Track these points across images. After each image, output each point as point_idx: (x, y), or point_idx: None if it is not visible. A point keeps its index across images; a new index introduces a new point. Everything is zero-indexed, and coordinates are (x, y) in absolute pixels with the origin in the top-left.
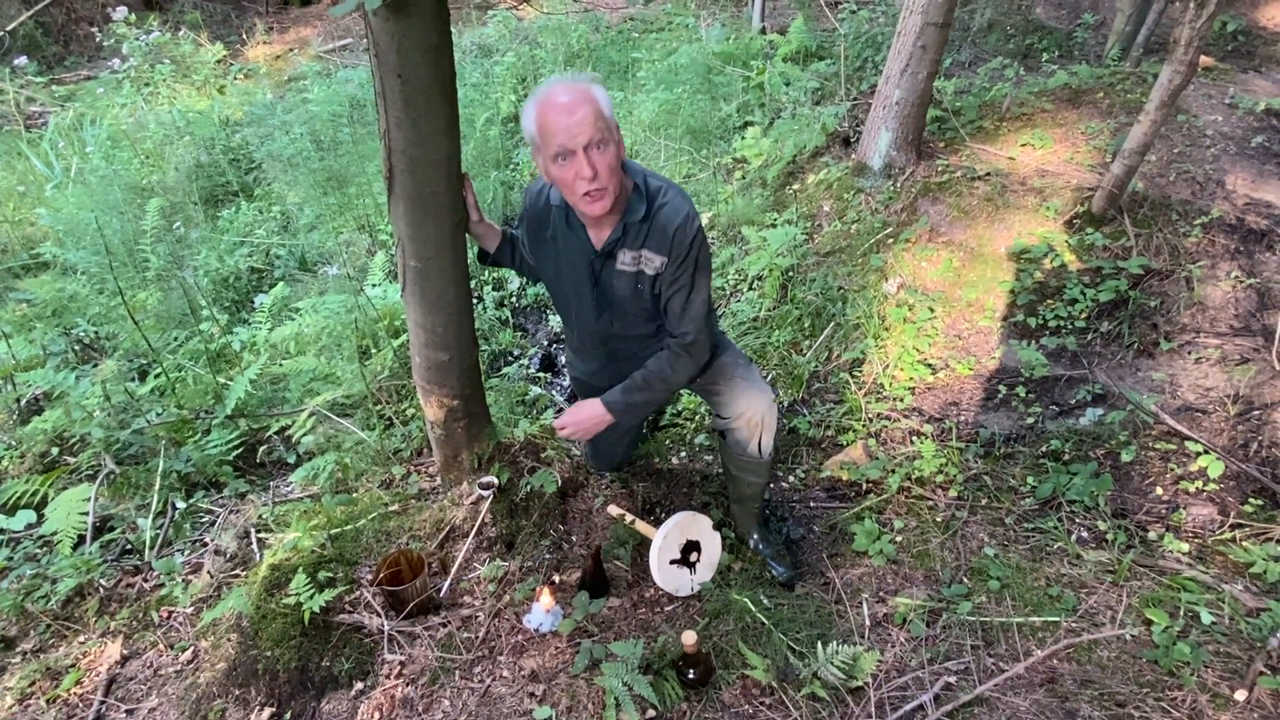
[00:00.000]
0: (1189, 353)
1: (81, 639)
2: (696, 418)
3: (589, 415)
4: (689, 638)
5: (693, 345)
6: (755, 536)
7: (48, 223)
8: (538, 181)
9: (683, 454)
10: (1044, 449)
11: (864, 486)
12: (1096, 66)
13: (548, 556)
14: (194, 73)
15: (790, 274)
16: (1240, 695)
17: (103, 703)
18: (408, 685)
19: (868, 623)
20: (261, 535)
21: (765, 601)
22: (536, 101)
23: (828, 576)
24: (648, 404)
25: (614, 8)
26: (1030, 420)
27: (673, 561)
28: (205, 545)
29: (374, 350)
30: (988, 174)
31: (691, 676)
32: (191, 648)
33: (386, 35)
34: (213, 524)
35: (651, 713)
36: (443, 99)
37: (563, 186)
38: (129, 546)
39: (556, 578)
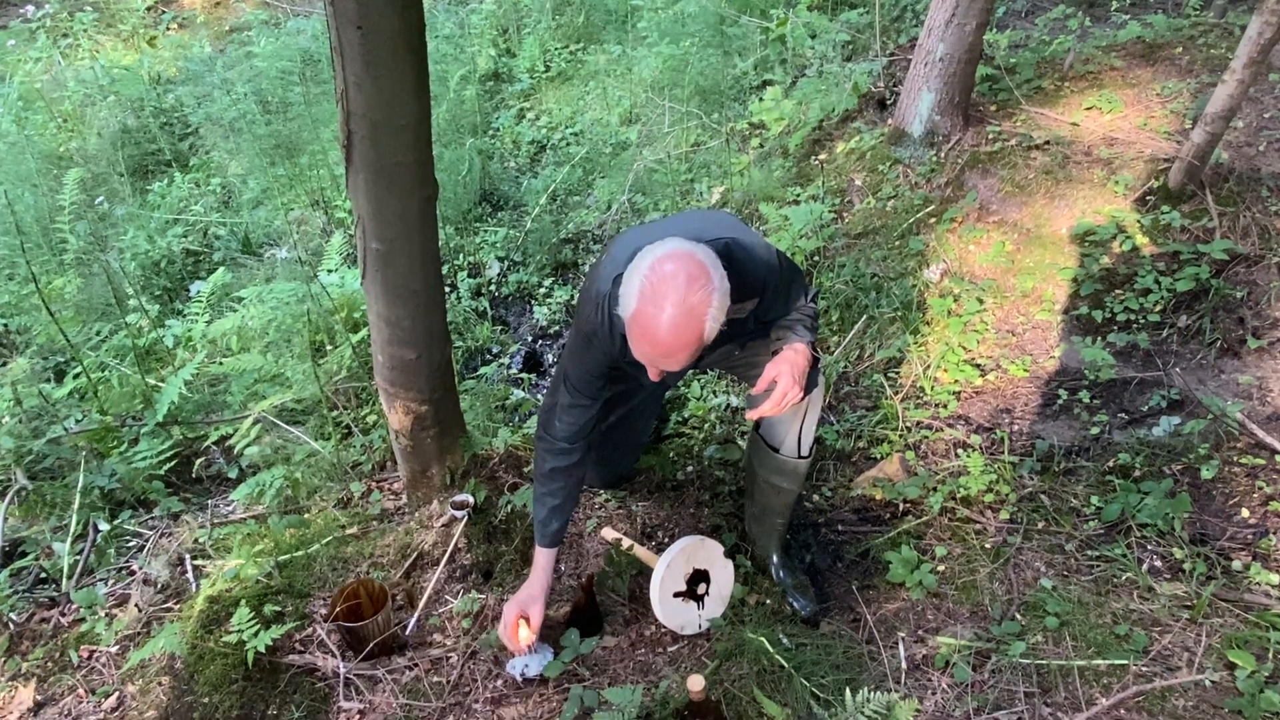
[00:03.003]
0: None
1: None
2: (706, 426)
3: (802, 364)
4: (696, 683)
5: (814, 294)
6: (776, 562)
7: None
8: (595, 315)
9: (690, 468)
10: (1111, 464)
11: (901, 507)
12: (1175, 17)
13: None
14: (120, 22)
15: (816, 259)
16: None
17: None
18: None
19: (904, 666)
20: (198, 562)
21: (785, 641)
22: (639, 301)
23: (858, 612)
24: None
25: None
26: (1095, 430)
27: (677, 594)
28: (132, 574)
29: (329, 347)
30: (1046, 142)
31: None
32: (116, 693)
33: None
34: (141, 549)
35: None
36: (409, 54)
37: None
38: (44, 575)
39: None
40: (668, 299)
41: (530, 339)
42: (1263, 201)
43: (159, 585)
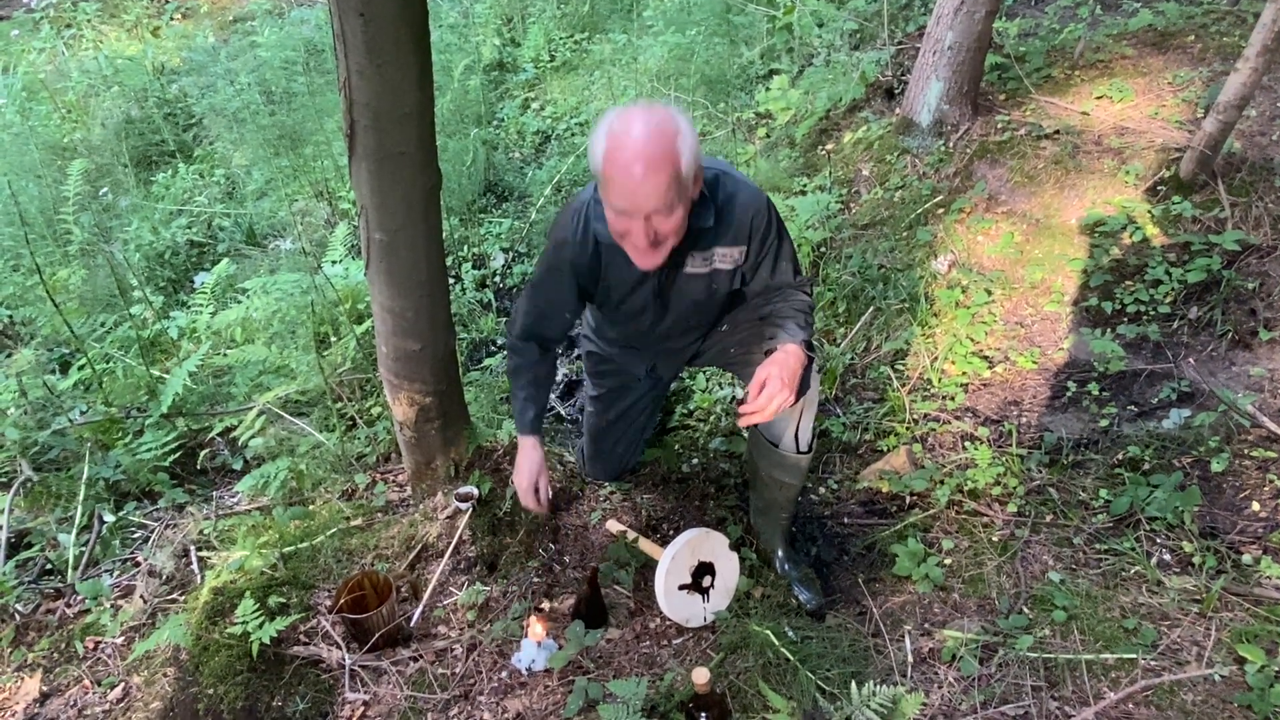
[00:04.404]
0: None
1: None
2: (711, 418)
3: (796, 367)
4: (701, 676)
5: (807, 281)
6: (781, 555)
7: None
8: (572, 221)
9: (694, 461)
10: (1120, 457)
11: (907, 500)
12: (1187, 4)
13: (536, 580)
14: (123, 12)
15: (823, 249)
16: None
17: None
18: None
19: (910, 660)
20: (203, 554)
21: (790, 634)
22: (608, 137)
23: (864, 605)
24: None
25: None
26: (1104, 423)
27: (682, 587)
28: (137, 565)
29: (334, 339)
30: (1056, 132)
31: None
32: (121, 684)
33: None
34: (146, 540)
35: None
36: (413, 42)
37: (612, 230)
38: (49, 566)
39: (547, 605)
40: (635, 121)
41: None
42: (1276, 191)
43: (164, 577)
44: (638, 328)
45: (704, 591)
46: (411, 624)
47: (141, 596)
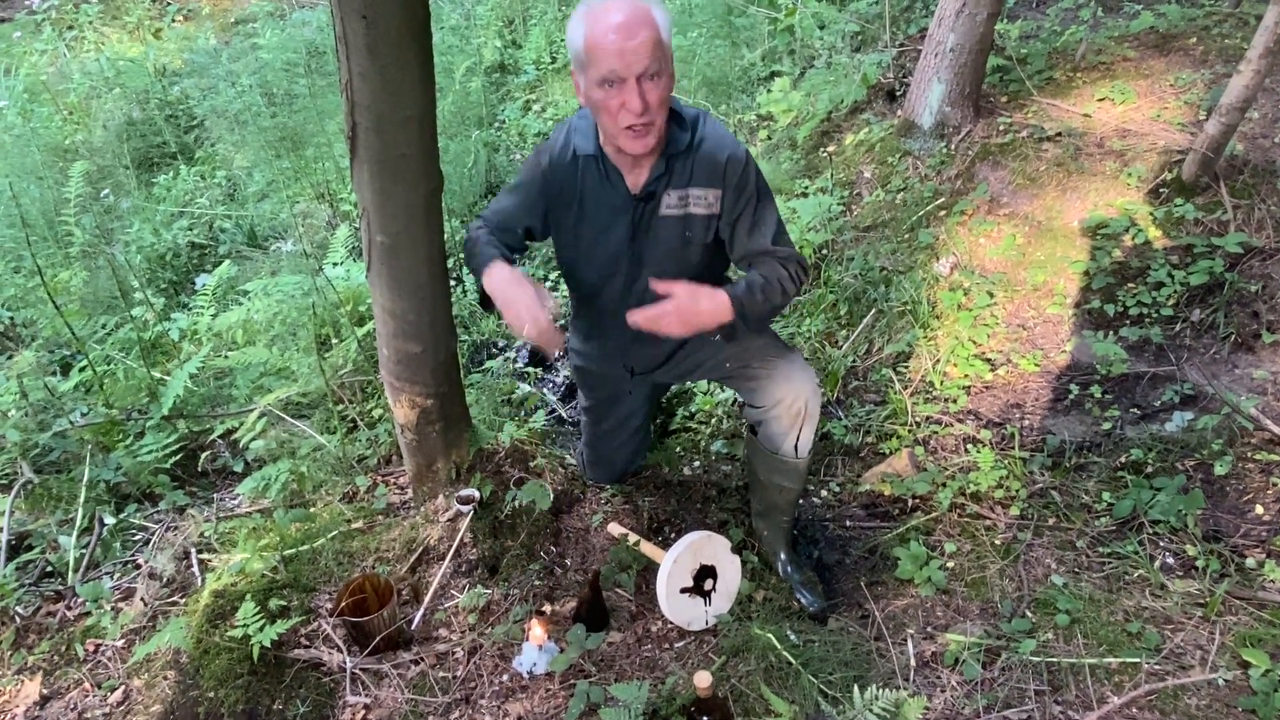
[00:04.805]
0: None
1: None
2: (712, 421)
3: (708, 310)
4: (703, 679)
5: (794, 256)
6: (783, 558)
7: None
8: (557, 134)
9: (696, 463)
10: (1123, 460)
11: (910, 503)
12: (1189, 6)
13: (537, 583)
14: (125, 14)
15: (824, 252)
16: None
17: None
18: None
19: (913, 663)
20: (203, 556)
21: (793, 637)
22: (588, 12)
23: (866, 608)
24: (764, 315)
25: None
26: (1107, 426)
27: (684, 590)
28: (138, 567)
29: (335, 341)
30: (1058, 134)
31: None
32: (122, 687)
33: None
34: (146, 543)
35: None
36: (415, 45)
37: (603, 114)
38: (49, 568)
39: (548, 608)
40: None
41: None
42: (1278, 194)
43: (164, 579)
44: (611, 292)
45: (706, 595)
46: (413, 627)
47: (142, 599)
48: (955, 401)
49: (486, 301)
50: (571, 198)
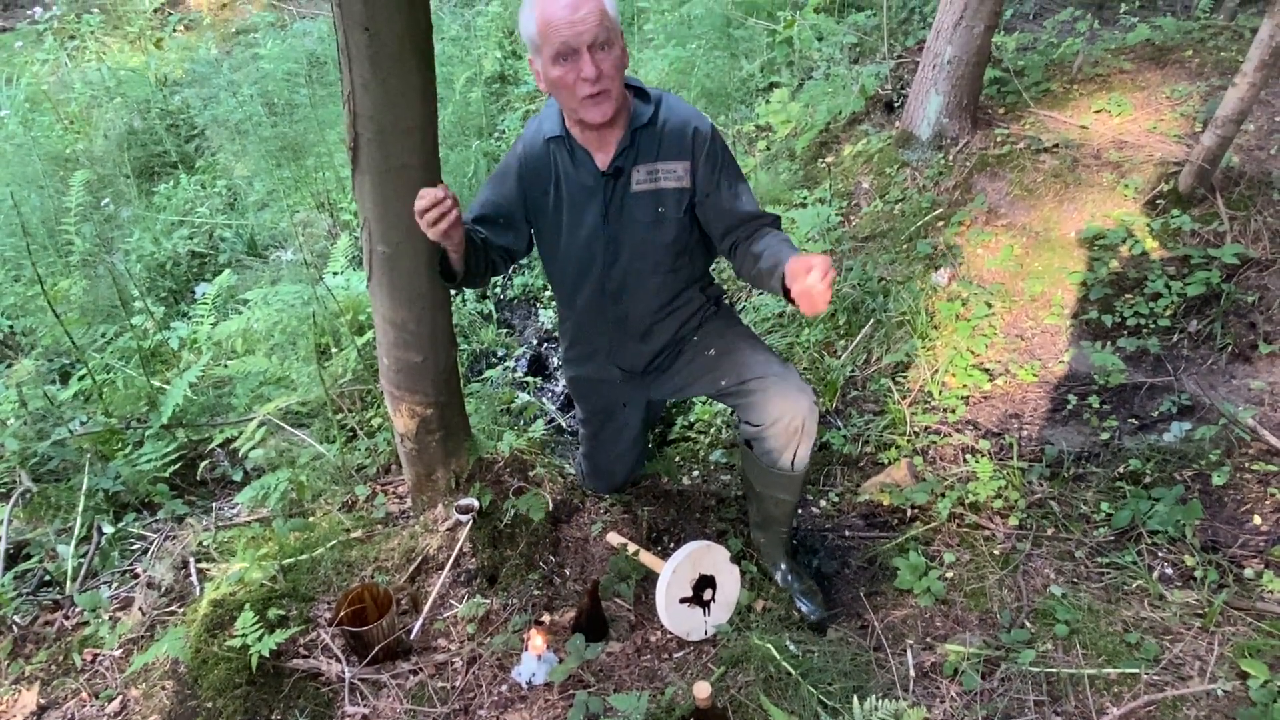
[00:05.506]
0: None
1: None
2: (711, 430)
3: (819, 263)
4: (702, 690)
5: (776, 218)
6: (782, 568)
7: None
8: (530, 125)
9: (695, 473)
10: (1121, 470)
11: (908, 513)
12: (1184, 19)
13: (536, 593)
14: (126, 24)
15: None
16: None
17: None
18: None
19: (912, 674)
20: (202, 566)
21: (792, 648)
22: (536, 1)
23: (865, 619)
24: None
25: None
26: (1105, 436)
27: (683, 600)
28: (136, 577)
29: (335, 350)
30: (1055, 145)
31: None
32: (119, 697)
33: None
34: (145, 552)
35: None
36: (416, 56)
37: (562, 90)
38: (47, 577)
39: (547, 618)
40: None
41: (535, 342)
42: (1274, 205)
43: (163, 588)
44: (588, 281)
45: (705, 605)
46: (411, 637)
47: (140, 608)
48: (954, 411)
49: (446, 270)
50: (547, 182)
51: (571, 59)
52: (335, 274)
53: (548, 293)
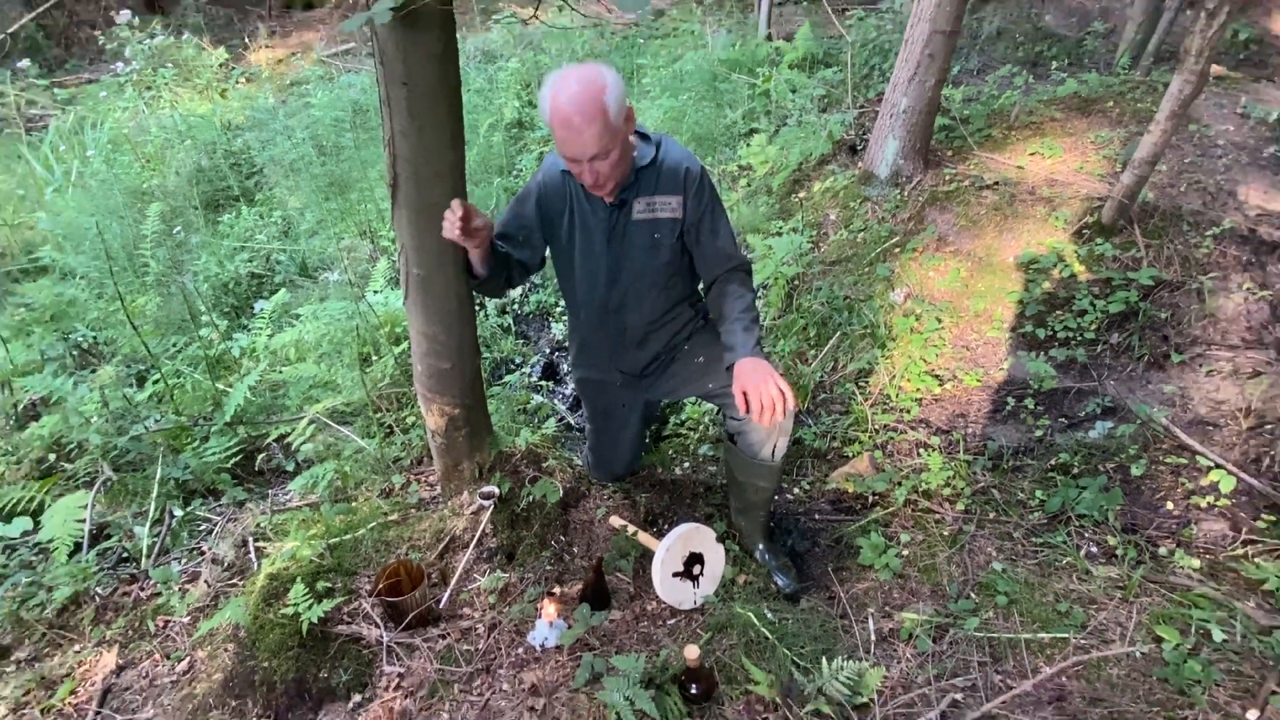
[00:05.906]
0: (1200, 365)
1: (77, 648)
2: (700, 427)
3: (766, 369)
4: (692, 652)
5: (746, 263)
6: (761, 547)
7: (47, 226)
8: (550, 157)
9: (686, 464)
10: (1053, 462)
11: (870, 499)
12: (1106, 75)
13: (549, 568)
14: (196, 76)
15: (796, 283)
16: (1252, 715)
17: (98, 713)
18: (406, 698)
19: (873, 638)
20: (259, 544)
21: (769, 615)
22: (550, 99)
23: (833, 590)
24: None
25: (620, 19)
26: (1039, 433)
27: (675, 574)
28: (202, 554)
29: (375, 357)
30: (996, 183)
31: (694, 692)
32: (188, 658)
33: (393, 44)
34: (210, 532)
35: None
36: (448, 108)
37: (571, 171)
38: (125, 554)
39: (558, 590)
40: (570, 74)
41: (548, 351)
42: (1184, 235)
43: (225, 564)
44: (594, 292)
45: (694, 578)
46: (440, 606)
47: (206, 581)
48: (909, 412)
49: (469, 270)
50: (564, 207)
51: (575, 163)
52: (375, 292)
53: (559, 308)
